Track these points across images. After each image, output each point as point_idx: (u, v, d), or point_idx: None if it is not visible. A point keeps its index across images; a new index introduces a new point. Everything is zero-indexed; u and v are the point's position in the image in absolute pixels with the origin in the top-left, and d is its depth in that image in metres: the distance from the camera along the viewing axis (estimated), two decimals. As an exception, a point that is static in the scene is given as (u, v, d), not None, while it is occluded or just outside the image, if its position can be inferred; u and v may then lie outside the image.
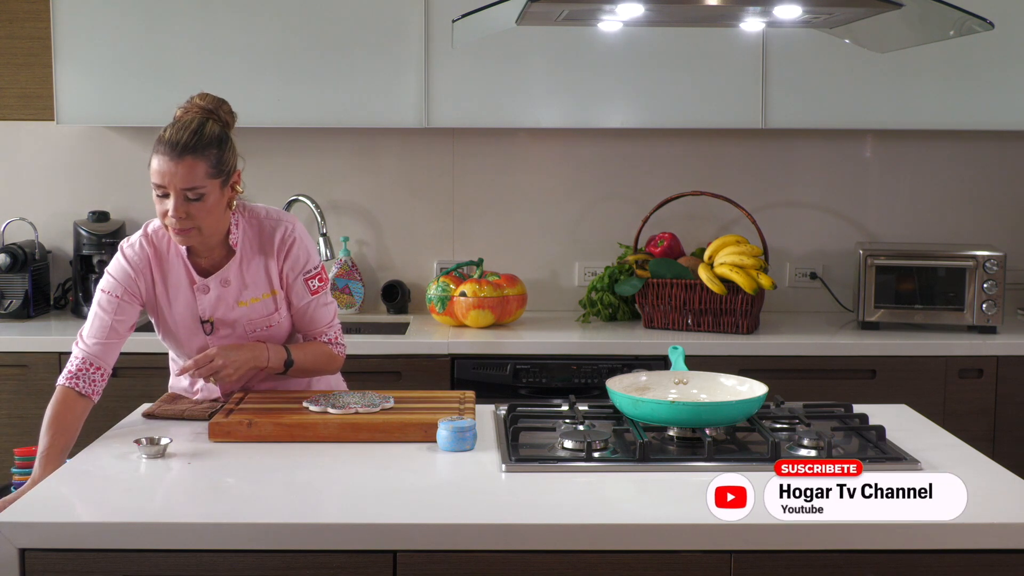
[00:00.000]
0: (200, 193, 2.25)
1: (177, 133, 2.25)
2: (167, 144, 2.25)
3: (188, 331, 2.42)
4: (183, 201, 2.25)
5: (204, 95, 2.37)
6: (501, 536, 1.78)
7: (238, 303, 2.40)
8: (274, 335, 2.46)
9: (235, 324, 2.41)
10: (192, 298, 2.39)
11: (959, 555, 1.79)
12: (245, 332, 2.42)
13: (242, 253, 2.40)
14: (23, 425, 3.38)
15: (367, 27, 3.56)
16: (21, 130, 3.89)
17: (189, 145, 2.24)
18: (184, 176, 2.24)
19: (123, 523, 1.79)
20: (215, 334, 2.41)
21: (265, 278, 2.42)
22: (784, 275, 3.97)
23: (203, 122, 2.29)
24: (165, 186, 2.25)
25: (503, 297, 3.55)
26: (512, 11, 2.32)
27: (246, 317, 2.42)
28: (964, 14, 2.25)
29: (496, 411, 2.47)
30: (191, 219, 2.27)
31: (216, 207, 2.29)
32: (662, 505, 1.94)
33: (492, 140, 3.92)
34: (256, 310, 2.42)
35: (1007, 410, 3.41)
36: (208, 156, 2.26)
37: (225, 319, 2.41)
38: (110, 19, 3.55)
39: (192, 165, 2.24)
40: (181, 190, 2.24)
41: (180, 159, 2.23)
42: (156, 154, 2.26)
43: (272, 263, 2.41)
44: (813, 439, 2.14)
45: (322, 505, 1.91)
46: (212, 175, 2.27)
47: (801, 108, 3.62)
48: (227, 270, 2.39)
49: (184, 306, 2.40)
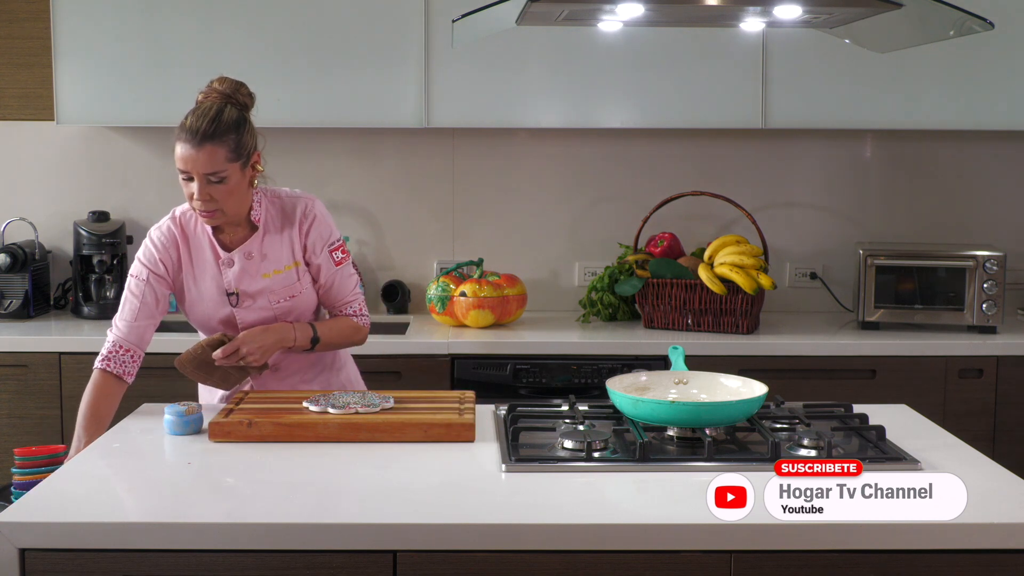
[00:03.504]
0: (222, 176, 2.37)
1: (197, 121, 2.36)
2: (188, 132, 2.37)
3: (215, 303, 2.51)
4: (206, 184, 2.37)
5: (223, 79, 2.49)
6: (501, 536, 1.78)
7: (261, 275, 2.50)
8: (297, 306, 2.55)
9: (258, 295, 2.51)
10: (218, 272, 2.50)
11: (959, 555, 1.79)
12: (268, 303, 2.52)
13: (264, 228, 2.51)
14: (23, 425, 3.39)
15: (367, 27, 3.56)
16: (21, 130, 3.89)
17: (208, 132, 2.35)
18: (205, 162, 2.35)
19: (123, 523, 1.79)
20: (240, 305, 2.51)
21: (288, 251, 2.53)
22: (784, 275, 3.97)
23: (221, 108, 2.39)
24: (188, 171, 2.38)
25: (503, 297, 3.55)
26: (512, 11, 2.32)
27: (268, 288, 2.51)
28: (964, 14, 2.25)
29: (496, 411, 2.47)
30: (214, 201, 2.39)
31: (238, 188, 2.41)
32: (662, 505, 1.94)
33: (492, 140, 3.92)
34: (278, 281, 2.51)
35: (1007, 410, 3.41)
36: (227, 141, 2.37)
37: (249, 291, 2.50)
38: (110, 19, 3.55)
39: (212, 151, 2.35)
40: (203, 175, 2.36)
41: (200, 146, 2.35)
42: (178, 141, 2.38)
43: (295, 236, 2.52)
44: (813, 439, 2.14)
45: (322, 505, 1.91)
46: (231, 159, 2.38)
47: (801, 108, 3.62)
48: (250, 244, 2.50)
49: (211, 280, 2.50)
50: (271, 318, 2.52)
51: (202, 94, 2.46)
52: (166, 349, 3.37)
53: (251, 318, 2.51)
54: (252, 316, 2.51)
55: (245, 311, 2.51)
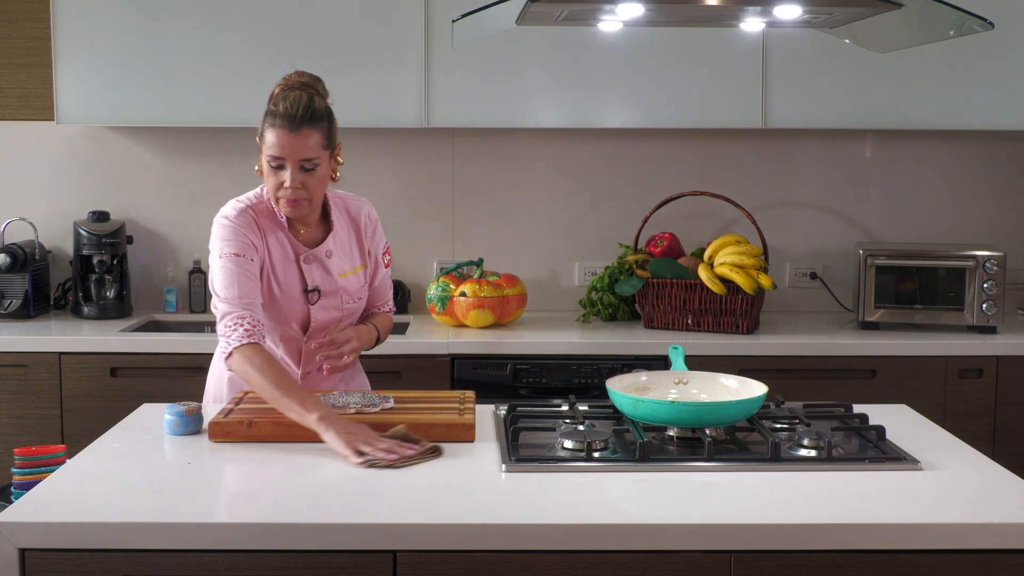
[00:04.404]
0: (316, 163, 2.37)
1: (292, 107, 2.34)
2: (284, 117, 2.34)
3: (293, 301, 2.47)
4: (299, 171, 2.36)
5: (302, 72, 2.48)
6: (501, 536, 1.78)
7: (339, 275, 2.51)
8: (359, 308, 2.58)
9: (334, 294, 2.51)
10: (296, 269, 2.47)
11: (959, 555, 1.79)
12: (340, 302, 2.52)
13: (337, 228, 2.52)
14: (23, 425, 3.39)
15: (367, 27, 3.56)
16: (21, 130, 3.89)
17: (305, 118, 2.34)
18: (302, 147, 2.34)
19: (123, 523, 1.79)
20: (318, 304, 2.49)
21: (357, 252, 2.56)
22: (784, 275, 3.97)
23: (311, 96, 2.39)
24: (283, 158, 2.35)
25: (503, 297, 3.55)
26: (512, 11, 2.32)
27: (344, 288, 2.52)
28: (964, 14, 2.25)
29: (496, 411, 2.47)
30: (305, 189, 2.37)
31: (325, 178, 2.42)
32: (662, 505, 1.94)
33: (492, 140, 3.92)
34: (351, 282, 2.53)
35: (1007, 410, 3.41)
36: (321, 128, 2.37)
37: (328, 289, 2.50)
38: (110, 19, 3.55)
39: (309, 136, 2.35)
40: (299, 160, 2.35)
41: (298, 131, 2.33)
42: (272, 128, 2.35)
43: (363, 239, 2.56)
44: (813, 439, 2.14)
45: (322, 505, 1.91)
46: (325, 146, 2.39)
47: (801, 108, 3.62)
48: (329, 242, 2.50)
49: (290, 276, 2.46)
50: (338, 318, 2.53)
51: (281, 86, 2.44)
52: (167, 349, 3.38)
53: (322, 317, 2.51)
54: (324, 315, 2.51)
55: (319, 310, 2.50)
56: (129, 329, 3.58)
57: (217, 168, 3.93)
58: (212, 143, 3.91)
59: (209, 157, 3.93)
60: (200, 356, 3.36)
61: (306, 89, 2.42)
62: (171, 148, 3.92)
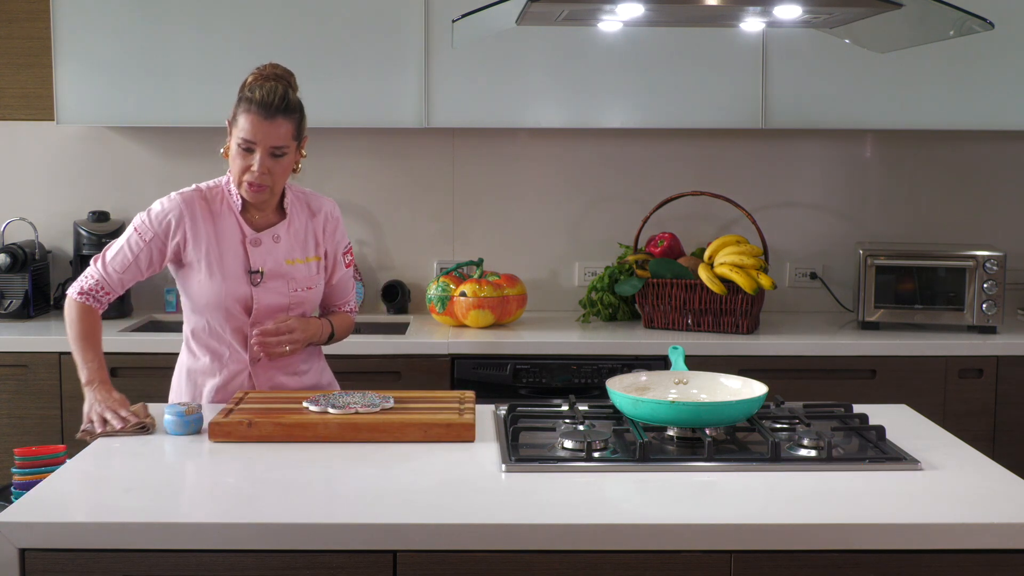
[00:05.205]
0: (284, 152, 2.46)
1: (268, 96, 2.43)
2: (259, 105, 2.43)
3: (235, 281, 2.53)
4: (268, 157, 2.45)
5: (276, 65, 2.55)
6: (501, 536, 1.78)
7: (286, 260, 2.56)
8: (310, 298, 2.61)
9: (279, 279, 2.56)
10: (242, 251, 2.53)
11: (959, 555, 1.79)
12: (287, 288, 2.56)
13: (291, 217, 2.59)
14: (23, 425, 3.39)
15: (367, 27, 3.56)
16: (21, 130, 3.89)
17: (280, 107, 2.44)
18: (274, 134, 2.44)
19: (123, 523, 1.79)
20: (261, 285, 2.54)
21: (311, 243, 2.62)
22: (784, 275, 3.97)
23: (286, 88, 2.48)
24: (254, 142, 2.44)
25: (503, 297, 3.55)
26: (512, 11, 2.32)
27: (291, 275, 2.57)
28: (964, 14, 2.25)
29: (496, 411, 2.47)
30: (270, 175, 2.47)
31: (289, 167, 2.52)
32: (662, 505, 1.94)
33: (492, 140, 3.93)
34: (300, 271, 2.58)
35: (1007, 410, 3.41)
36: (293, 119, 2.47)
37: (273, 272, 2.55)
38: (110, 19, 3.55)
39: (281, 125, 2.44)
40: (269, 147, 2.44)
41: (272, 119, 2.43)
42: (246, 113, 2.44)
43: (319, 233, 2.62)
44: (813, 439, 2.14)
45: (322, 505, 1.91)
46: (294, 136, 2.48)
47: (801, 108, 3.62)
48: (278, 228, 2.58)
49: (234, 257, 2.53)
50: (285, 305, 2.56)
51: (255, 75, 2.51)
52: (167, 349, 3.38)
53: (267, 301, 2.54)
54: (268, 299, 2.55)
55: (263, 292, 2.54)
56: (129, 329, 3.58)
57: (217, 168, 3.91)
58: (212, 143, 3.88)
59: (209, 157, 3.90)
60: (200, 356, 3.36)
61: (280, 81, 2.50)
62: (171, 148, 3.92)
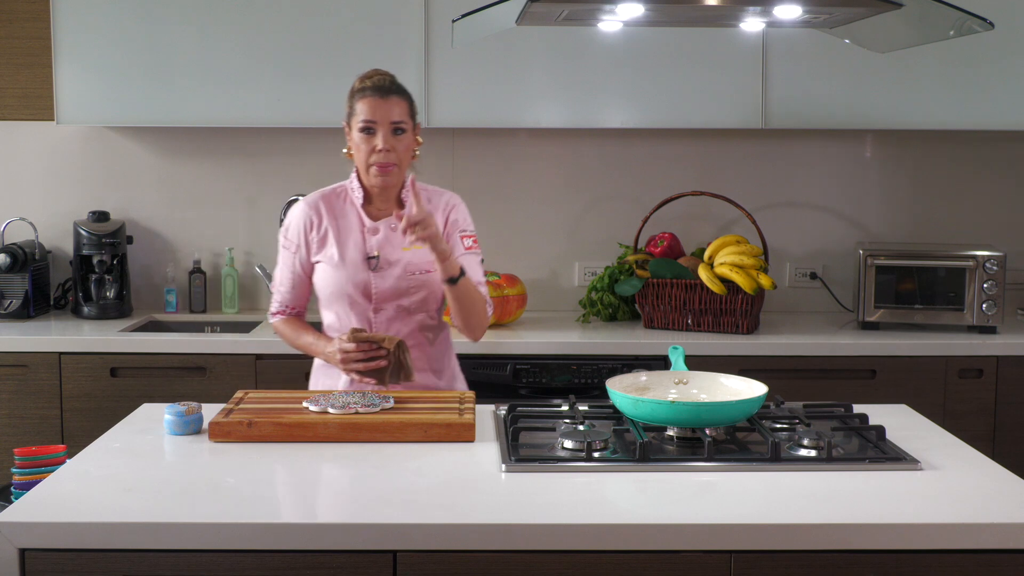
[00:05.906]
0: (403, 128, 2.58)
1: (381, 80, 2.59)
2: (374, 88, 2.57)
3: (354, 267, 2.63)
4: (391, 134, 2.56)
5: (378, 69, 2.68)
6: (501, 536, 1.78)
7: (402, 247, 2.62)
8: (429, 281, 2.65)
9: (396, 264, 2.62)
10: (361, 238, 2.64)
11: (959, 555, 1.79)
12: (404, 272, 2.63)
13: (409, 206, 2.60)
14: (23, 425, 3.39)
15: (367, 27, 3.56)
16: (21, 130, 3.89)
17: (393, 88, 2.59)
18: (392, 111, 2.56)
19: (123, 523, 1.79)
20: (379, 271, 2.62)
21: None
22: (784, 275, 3.97)
23: (394, 76, 2.64)
24: (375, 121, 2.56)
25: (503, 297, 3.55)
26: (512, 11, 2.32)
27: (407, 259, 2.62)
28: (964, 14, 2.25)
29: (496, 411, 2.47)
30: (395, 152, 2.57)
31: (410, 147, 2.63)
32: (662, 505, 1.94)
33: (492, 140, 3.93)
34: (417, 254, 2.63)
35: (1007, 410, 3.41)
36: (407, 98, 2.61)
37: (389, 258, 2.62)
38: (110, 19, 3.55)
39: (397, 103, 2.58)
40: (390, 123, 2.56)
41: (388, 97, 2.57)
42: (363, 99, 2.57)
43: (439, 218, 2.67)
44: (813, 439, 2.14)
45: (322, 505, 1.91)
46: (411, 114, 2.61)
47: (801, 108, 3.62)
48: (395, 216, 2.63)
49: (354, 246, 2.64)
50: (404, 289, 2.61)
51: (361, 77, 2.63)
52: (167, 349, 3.38)
53: (385, 286, 2.61)
54: (387, 284, 2.61)
55: (381, 278, 2.61)
56: (129, 329, 3.58)
57: (217, 168, 3.93)
58: (212, 143, 3.91)
59: (209, 157, 3.93)
60: (200, 356, 3.36)
61: (387, 73, 2.64)
62: (171, 148, 3.92)
